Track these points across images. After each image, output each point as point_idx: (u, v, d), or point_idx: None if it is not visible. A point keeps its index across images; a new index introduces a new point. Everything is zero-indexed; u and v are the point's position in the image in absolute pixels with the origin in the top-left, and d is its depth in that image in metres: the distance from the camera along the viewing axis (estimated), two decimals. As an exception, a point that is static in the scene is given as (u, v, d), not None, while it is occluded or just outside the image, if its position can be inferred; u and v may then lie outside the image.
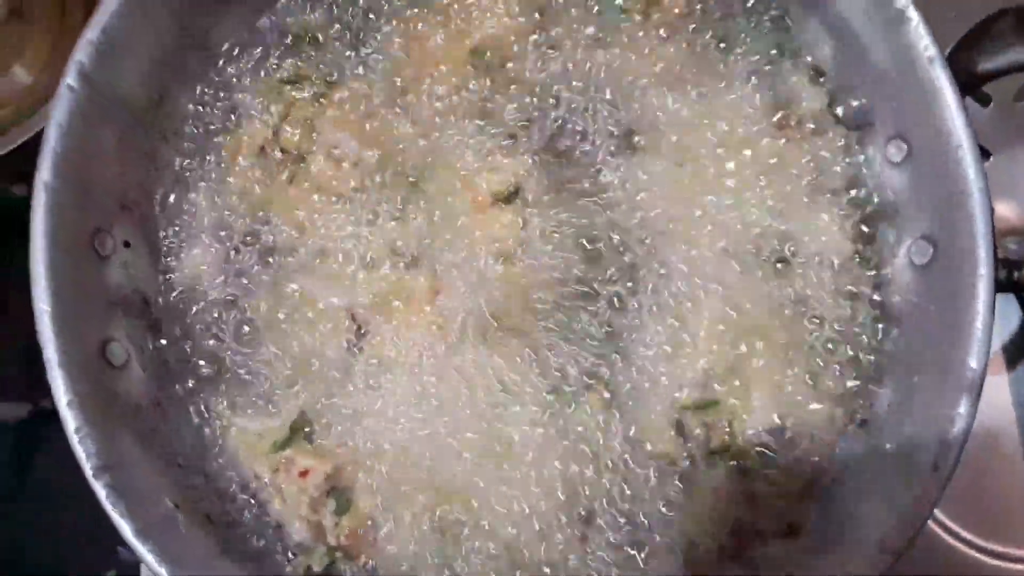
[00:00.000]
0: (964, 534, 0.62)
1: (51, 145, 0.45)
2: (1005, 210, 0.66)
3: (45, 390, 0.43)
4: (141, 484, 0.44)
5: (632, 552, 0.51)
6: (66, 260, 0.45)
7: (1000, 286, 0.46)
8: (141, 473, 0.45)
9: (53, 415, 0.43)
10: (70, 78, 0.46)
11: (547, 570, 0.51)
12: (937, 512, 0.62)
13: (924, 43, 0.47)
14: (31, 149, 0.64)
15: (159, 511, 0.44)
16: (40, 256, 0.44)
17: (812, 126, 0.53)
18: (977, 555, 0.62)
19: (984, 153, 0.66)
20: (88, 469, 0.42)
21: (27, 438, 0.46)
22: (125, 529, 0.42)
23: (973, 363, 0.44)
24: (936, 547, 0.62)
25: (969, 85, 0.49)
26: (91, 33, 0.47)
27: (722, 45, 0.54)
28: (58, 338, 0.44)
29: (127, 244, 0.50)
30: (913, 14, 0.48)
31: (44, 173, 0.45)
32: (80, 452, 0.43)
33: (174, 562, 0.42)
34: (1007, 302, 0.67)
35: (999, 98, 0.67)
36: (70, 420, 0.43)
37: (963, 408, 0.43)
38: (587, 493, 0.51)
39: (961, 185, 0.46)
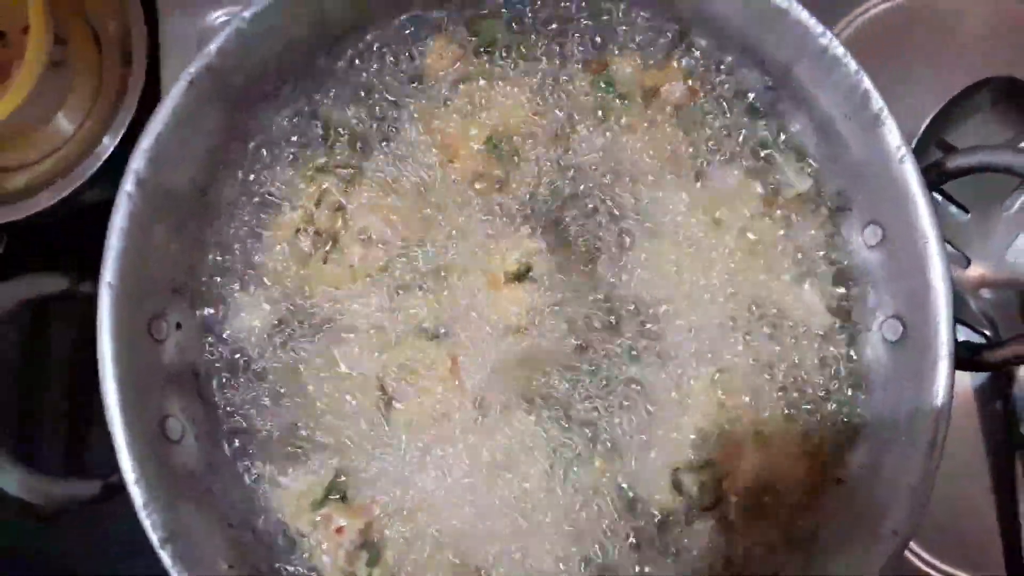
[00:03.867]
0: (938, 564, 0.68)
1: (113, 249, 0.51)
2: (980, 263, 0.71)
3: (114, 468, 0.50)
4: (200, 549, 0.50)
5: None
6: (128, 350, 0.51)
7: (961, 365, 0.52)
8: (199, 538, 0.51)
9: (121, 490, 0.50)
10: (128, 186, 0.52)
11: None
12: (913, 544, 0.68)
13: (897, 143, 0.53)
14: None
15: (217, 573, 0.50)
16: (106, 350, 0.50)
17: (798, 208, 0.59)
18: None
19: (961, 208, 0.71)
20: (155, 540, 0.48)
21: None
22: (190, 594, 0.48)
23: (930, 436, 0.50)
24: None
25: (938, 182, 0.54)
26: (146, 142, 0.52)
27: (717, 134, 0.60)
28: (124, 422, 0.50)
29: (179, 325, 0.56)
30: (887, 118, 0.53)
31: (107, 275, 0.51)
32: (147, 525, 0.49)
33: (233, 620, 0.48)
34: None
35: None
36: (137, 496, 0.49)
37: (918, 478, 0.49)
38: (595, 545, 0.57)
39: (927, 276, 0.52)
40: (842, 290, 0.58)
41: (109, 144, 0.71)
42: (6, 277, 0.76)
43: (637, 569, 0.56)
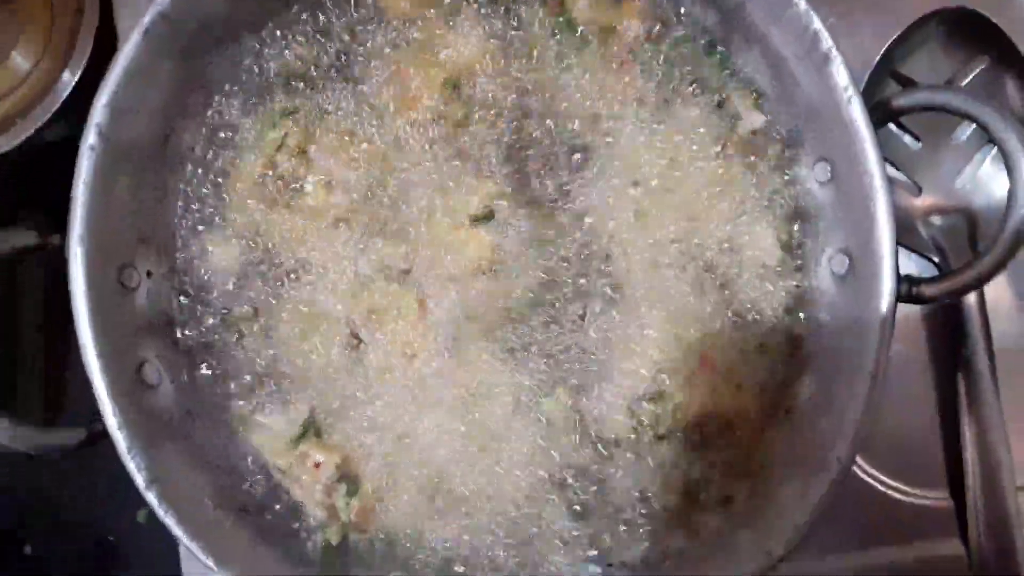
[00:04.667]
0: (883, 478, 0.73)
1: (79, 202, 0.52)
2: (930, 190, 0.73)
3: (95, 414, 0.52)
4: (184, 490, 0.53)
5: (596, 503, 0.60)
6: (100, 300, 0.53)
7: (901, 298, 0.54)
8: (183, 479, 0.54)
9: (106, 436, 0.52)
10: (91, 139, 0.52)
11: (523, 524, 0.60)
12: (860, 461, 0.72)
13: (844, 83, 0.54)
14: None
15: (203, 512, 0.53)
16: (80, 302, 0.52)
17: (752, 145, 0.60)
18: (893, 493, 0.73)
19: (914, 137, 0.73)
20: (140, 483, 0.51)
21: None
22: (177, 531, 0.51)
23: (871, 368, 0.53)
24: (859, 489, 0.73)
25: (884, 120, 0.55)
26: (104, 96, 0.53)
27: (673, 71, 0.61)
28: (102, 370, 0.52)
29: (149, 274, 0.57)
30: (836, 57, 0.54)
31: (76, 228, 0.52)
32: (131, 468, 0.51)
33: (220, 554, 0.51)
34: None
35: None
36: (120, 441, 0.51)
37: (861, 410, 0.52)
38: (558, 464, 0.60)
39: (871, 211, 0.54)
40: (794, 225, 0.60)
41: (69, 80, 0.70)
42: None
43: (595, 488, 0.60)
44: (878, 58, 0.70)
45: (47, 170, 0.74)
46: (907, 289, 0.54)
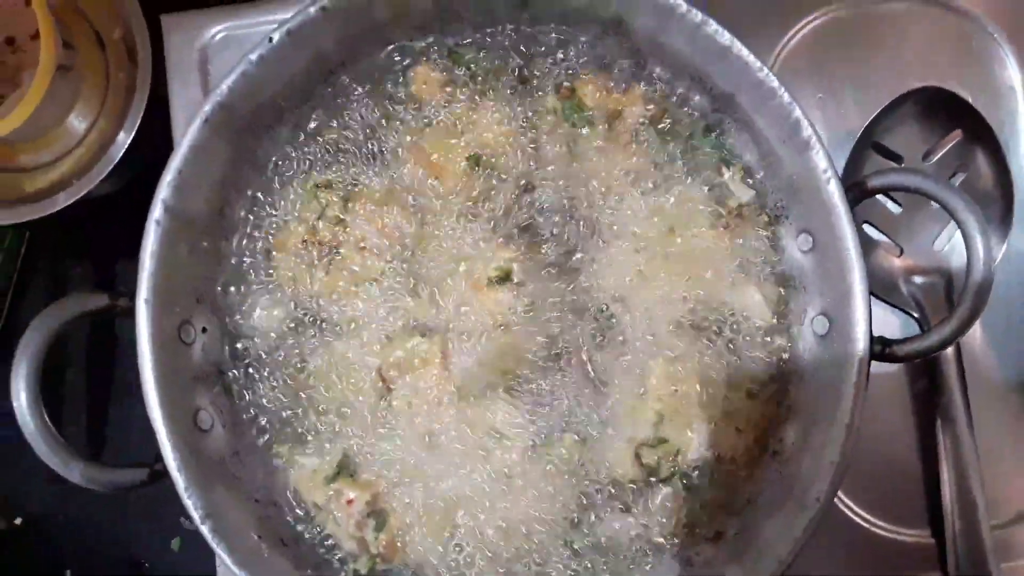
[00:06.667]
0: (867, 515, 0.78)
1: (147, 270, 0.59)
2: (911, 251, 0.79)
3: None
4: (233, 524, 0.60)
5: (603, 541, 0.66)
6: (163, 355, 0.60)
7: (875, 356, 0.60)
8: (231, 514, 0.60)
9: (165, 475, 0.59)
10: (157, 214, 0.60)
11: (535, 559, 0.66)
12: (844, 496, 0.78)
13: (823, 166, 0.61)
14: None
15: (248, 543, 0.60)
16: (146, 358, 0.59)
17: (742, 217, 0.67)
18: (877, 530, 0.78)
19: (895, 203, 0.80)
20: (196, 518, 0.58)
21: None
22: (228, 561, 0.57)
23: (848, 419, 0.59)
24: (845, 525, 0.78)
25: (860, 198, 0.62)
26: (170, 175, 0.60)
27: (674, 151, 0.68)
28: (164, 418, 0.59)
29: (204, 330, 0.64)
30: (815, 143, 0.61)
31: (143, 292, 0.59)
32: (189, 505, 0.58)
33: (264, 581, 0.58)
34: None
35: (909, 156, 0.80)
36: (180, 481, 0.58)
37: (838, 455, 0.59)
38: (568, 505, 0.66)
39: (848, 280, 0.60)
40: (780, 289, 0.67)
41: (123, 140, 0.76)
42: (28, 273, 0.84)
43: (602, 525, 0.66)
44: (861, 130, 0.77)
45: (96, 223, 0.81)
46: (880, 349, 0.61)
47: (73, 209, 0.76)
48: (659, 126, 0.68)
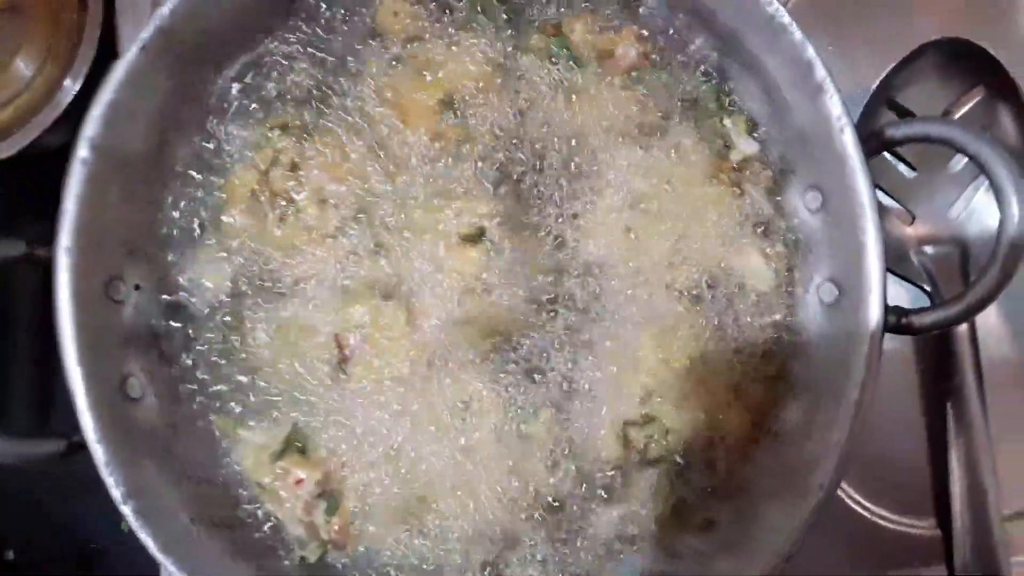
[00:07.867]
0: (869, 504, 0.73)
1: (69, 215, 0.52)
2: (924, 219, 0.73)
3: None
4: (161, 503, 0.53)
5: (579, 525, 0.60)
6: (86, 312, 0.52)
7: (889, 328, 0.54)
8: (160, 493, 0.53)
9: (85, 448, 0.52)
10: (82, 151, 0.52)
11: (504, 545, 0.60)
12: (844, 485, 0.72)
13: (837, 113, 0.54)
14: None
15: (178, 526, 0.53)
16: (65, 314, 0.51)
17: (745, 171, 0.60)
18: (880, 520, 0.73)
19: (908, 166, 0.73)
20: (117, 497, 0.51)
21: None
22: (151, 546, 0.50)
23: (857, 396, 0.53)
24: (846, 515, 0.73)
25: (877, 150, 0.55)
26: (97, 109, 0.53)
27: (670, 96, 0.61)
28: (84, 382, 0.52)
29: (137, 287, 0.57)
30: (829, 87, 0.54)
31: (63, 239, 0.52)
32: (109, 482, 0.51)
33: (193, 569, 0.51)
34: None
35: (926, 114, 0.73)
36: (99, 454, 0.51)
37: (845, 435, 0.52)
38: (541, 486, 0.60)
39: (861, 242, 0.53)
40: (784, 252, 0.60)
41: (70, 87, 0.70)
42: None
43: (580, 510, 0.60)
44: (874, 86, 0.71)
45: (46, 177, 0.75)
46: (895, 320, 0.54)
47: (19, 161, 0.70)
48: (656, 69, 0.61)
